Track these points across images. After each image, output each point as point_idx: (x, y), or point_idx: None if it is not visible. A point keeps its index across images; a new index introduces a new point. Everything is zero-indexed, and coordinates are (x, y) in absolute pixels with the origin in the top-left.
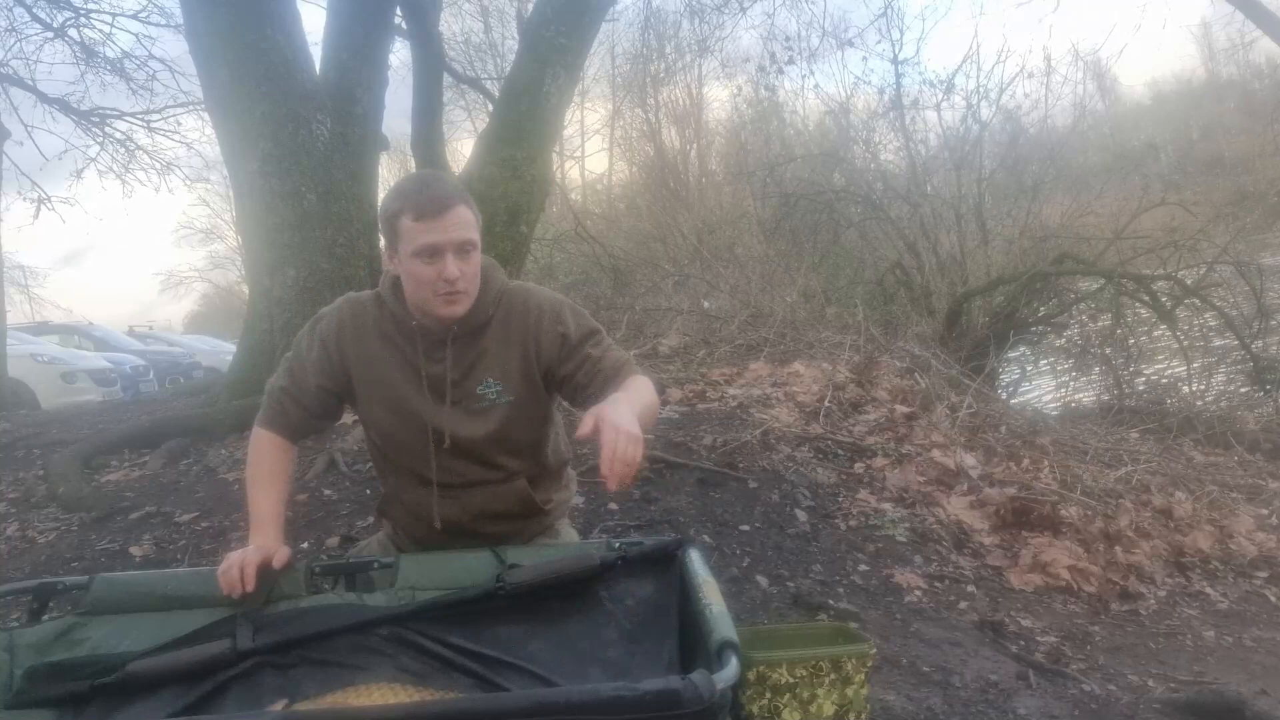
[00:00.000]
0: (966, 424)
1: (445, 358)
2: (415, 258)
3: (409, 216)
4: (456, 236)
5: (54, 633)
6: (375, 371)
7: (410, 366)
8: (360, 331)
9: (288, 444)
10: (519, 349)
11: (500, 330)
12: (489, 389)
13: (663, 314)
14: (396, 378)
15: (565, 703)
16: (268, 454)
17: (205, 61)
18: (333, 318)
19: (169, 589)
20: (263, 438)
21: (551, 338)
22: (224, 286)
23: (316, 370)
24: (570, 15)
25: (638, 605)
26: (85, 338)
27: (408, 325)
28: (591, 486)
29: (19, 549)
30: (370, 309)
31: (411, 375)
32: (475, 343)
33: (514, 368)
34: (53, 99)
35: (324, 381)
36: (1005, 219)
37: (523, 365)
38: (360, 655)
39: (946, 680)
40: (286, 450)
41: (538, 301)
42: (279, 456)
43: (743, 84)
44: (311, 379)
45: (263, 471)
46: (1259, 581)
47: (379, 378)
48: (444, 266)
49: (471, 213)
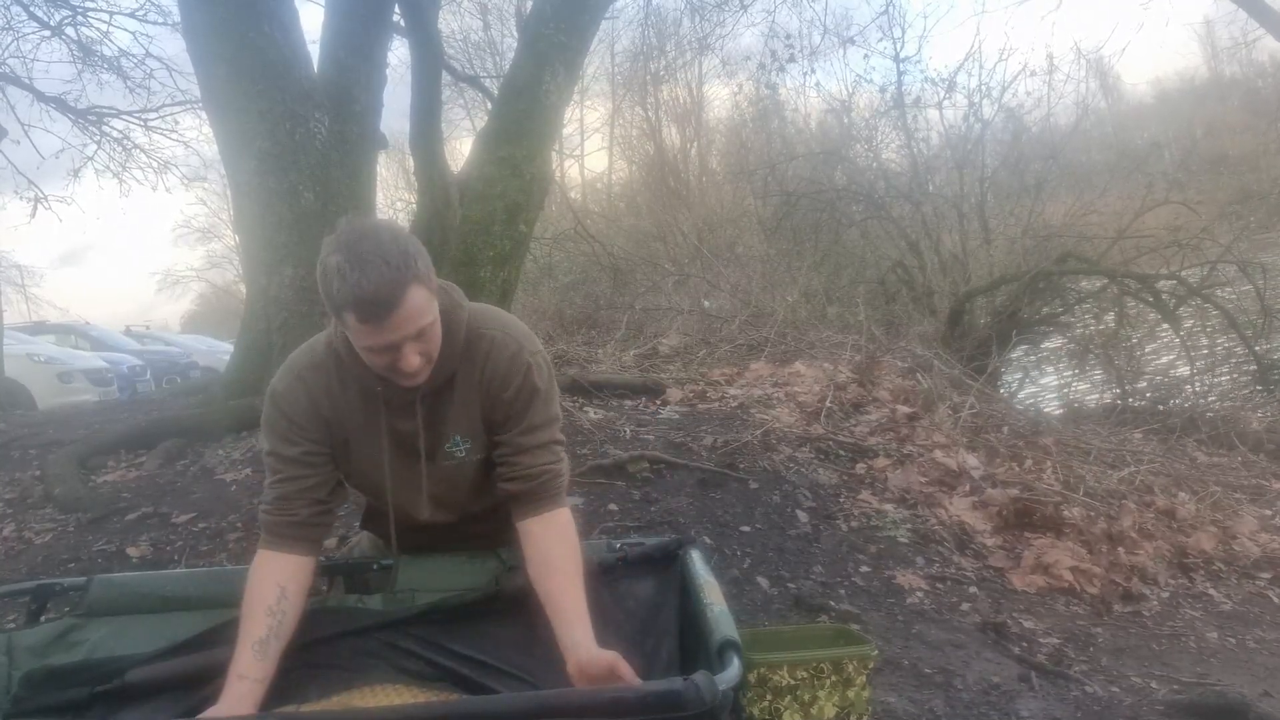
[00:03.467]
0: (969, 424)
1: (415, 419)
2: (366, 350)
3: (352, 315)
4: (409, 331)
5: (52, 634)
6: (343, 435)
7: (376, 429)
8: (317, 397)
9: (297, 559)
10: (479, 402)
11: (464, 381)
12: (456, 447)
13: (663, 314)
14: (364, 441)
15: (566, 704)
16: (259, 581)
17: (202, 59)
18: (290, 390)
19: (167, 590)
20: (259, 561)
21: (497, 402)
22: (221, 286)
23: (299, 439)
24: (569, 13)
25: (638, 606)
26: (82, 337)
27: (372, 389)
28: (591, 487)
29: (15, 550)
30: (328, 367)
31: (379, 438)
32: (443, 398)
33: (478, 423)
34: (50, 97)
35: (309, 447)
36: (1008, 218)
37: (484, 419)
38: (360, 659)
39: (948, 682)
40: (294, 569)
41: (498, 354)
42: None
43: (743, 82)
44: (296, 450)
45: (252, 607)
46: (1262, 583)
47: (346, 440)
48: (399, 359)
49: (423, 285)
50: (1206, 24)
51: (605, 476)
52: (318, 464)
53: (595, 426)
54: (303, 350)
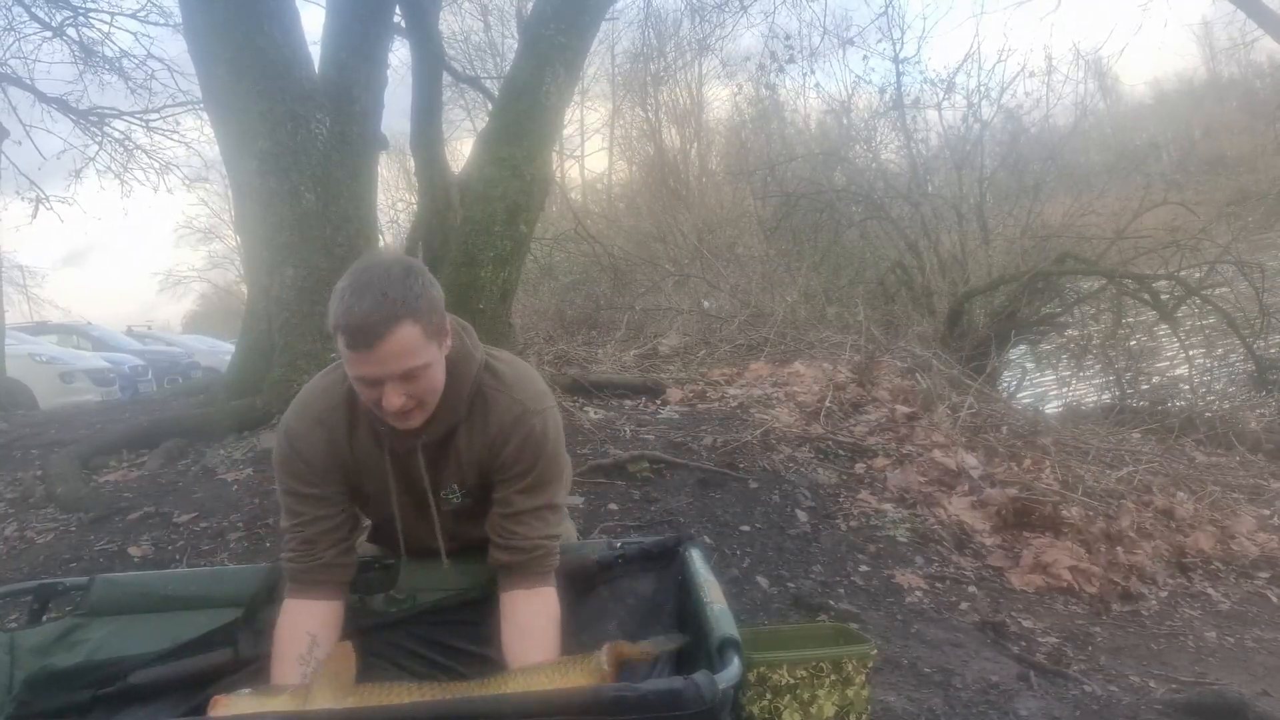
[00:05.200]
0: (968, 424)
1: (419, 469)
2: (355, 380)
3: (342, 339)
4: (394, 369)
5: (55, 634)
6: (357, 476)
7: (385, 471)
8: (334, 436)
9: (326, 604)
10: (481, 460)
11: (466, 436)
12: (452, 494)
13: (663, 314)
14: (376, 482)
15: (568, 702)
16: (289, 629)
17: (204, 60)
18: (310, 433)
19: (170, 590)
20: (287, 609)
21: (496, 460)
22: (223, 286)
23: (317, 480)
24: (570, 14)
25: (638, 604)
26: (84, 338)
27: (377, 428)
28: (591, 487)
29: (17, 549)
30: (342, 408)
31: (387, 484)
32: (443, 449)
33: (475, 478)
34: (51, 98)
35: (328, 489)
36: (1006, 218)
37: (481, 475)
38: (362, 658)
39: (947, 681)
40: (324, 615)
41: (502, 415)
42: (309, 625)
43: (743, 83)
44: (314, 490)
45: (283, 655)
46: (1261, 582)
47: (360, 479)
48: (383, 396)
49: (418, 325)
50: (1205, 25)
51: (605, 476)
52: (337, 502)
53: (595, 426)
54: (319, 391)
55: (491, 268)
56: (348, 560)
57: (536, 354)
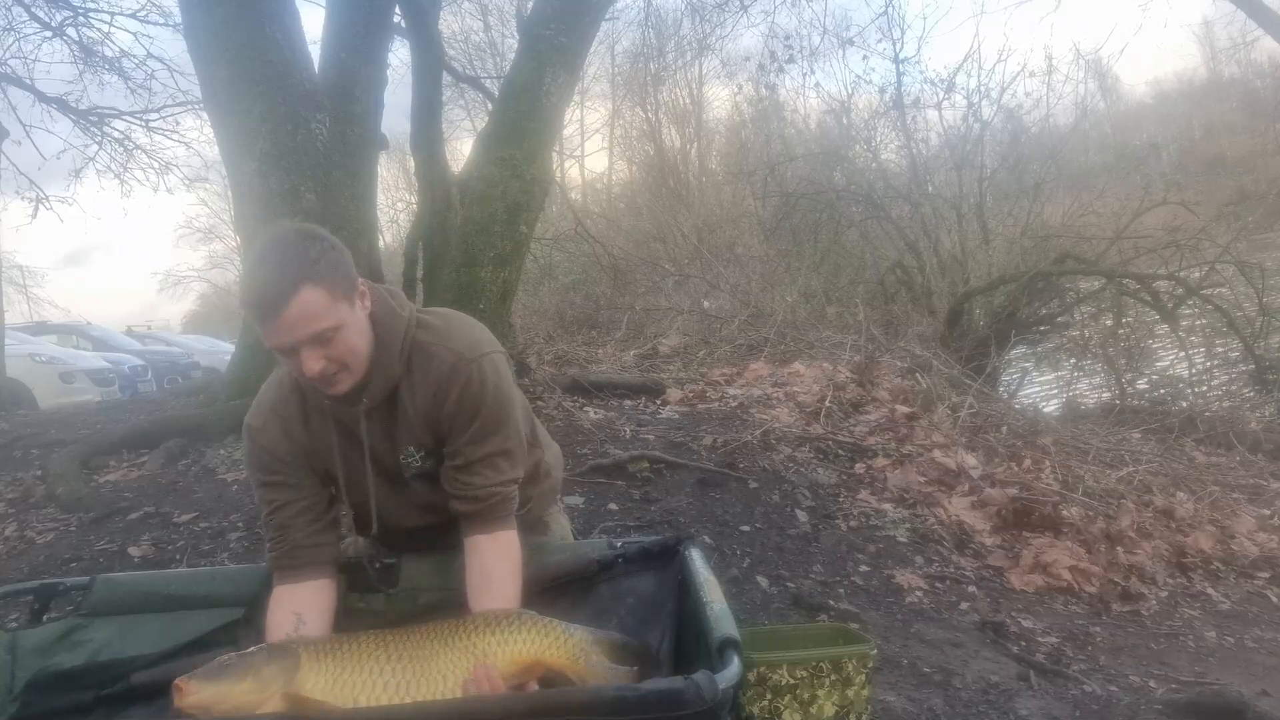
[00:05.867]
0: (967, 424)
1: (360, 435)
2: (274, 353)
3: (251, 314)
4: (302, 334)
5: (56, 634)
6: (320, 459)
7: (331, 448)
8: (288, 425)
9: (310, 584)
10: (428, 416)
11: (409, 394)
12: (411, 458)
13: (663, 314)
14: (337, 461)
15: (568, 703)
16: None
17: (204, 60)
18: (266, 426)
19: (171, 590)
20: (273, 598)
21: (441, 416)
22: (222, 286)
23: (279, 468)
24: (570, 14)
25: (639, 604)
26: (83, 338)
27: (321, 405)
28: (591, 487)
29: (17, 549)
30: (292, 397)
31: (335, 456)
32: (387, 411)
33: (428, 436)
34: (51, 98)
35: (292, 473)
36: (1006, 218)
37: (434, 434)
38: None
39: (947, 681)
40: (308, 594)
41: (436, 367)
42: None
43: (743, 83)
44: (278, 477)
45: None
46: (1260, 582)
47: (321, 461)
48: (300, 364)
49: (320, 288)
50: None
51: (605, 476)
52: (304, 485)
53: (595, 426)
54: (270, 384)
55: (491, 268)
56: (325, 540)
57: (537, 354)
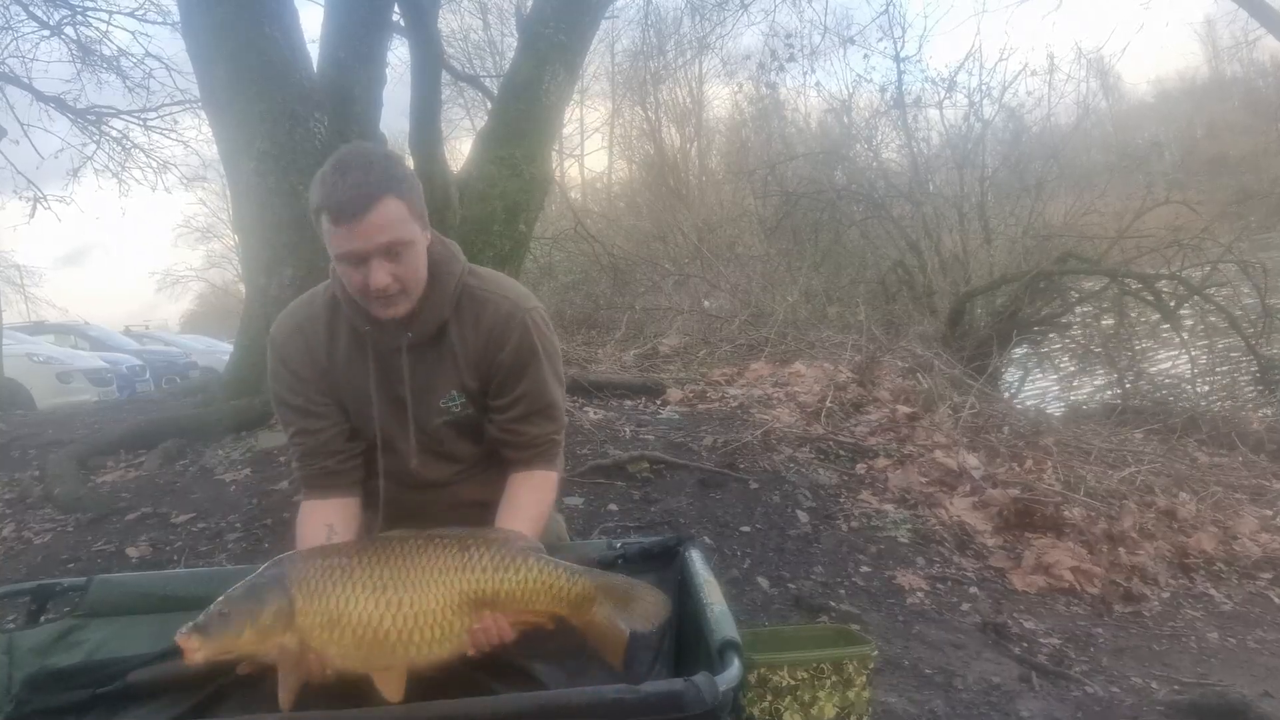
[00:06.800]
0: (969, 424)
1: (401, 371)
2: (340, 261)
3: (327, 217)
4: (380, 241)
5: (53, 635)
6: (336, 385)
7: (365, 381)
8: (312, 344)
9: (339, 500)
10: (478, 362)
11: (459, 336)
12: (452, 402)
13: (663, 314)
14: (355, 393)
15: (567, 704)
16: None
17: (202, 59)
18: (290, 340)
19: (168, 590)
20: (303, 512)
21: (495, 363)
22: (221, 286)
23: (301, 389)
24: (569, 13)
25: None
26: (81, 337)
27: (360, 332)
28: (591, 487)
29: (15, 550)
30: (322, 315)
31: (367, 391)
32: (433, 350)
33: (474, 383)
34: (49, 97)
35: (313, 397)
36: (1008, 218)
37: (481, 380)
38: None
39: (949, 682)
40: (339, 509)
41: (492, 313)
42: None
43: (743, 82)
44: (300, 399)
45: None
46: (1263, 583)
47: (339, 390)
48: (369, 274)
49: (403, 202)
50: (1207, 23)
51: (605, 476)
52: (326, 414)
53: (595, 426)
54: (302, 300)
55: (491, 267)
56: (350, 466)
57: None
